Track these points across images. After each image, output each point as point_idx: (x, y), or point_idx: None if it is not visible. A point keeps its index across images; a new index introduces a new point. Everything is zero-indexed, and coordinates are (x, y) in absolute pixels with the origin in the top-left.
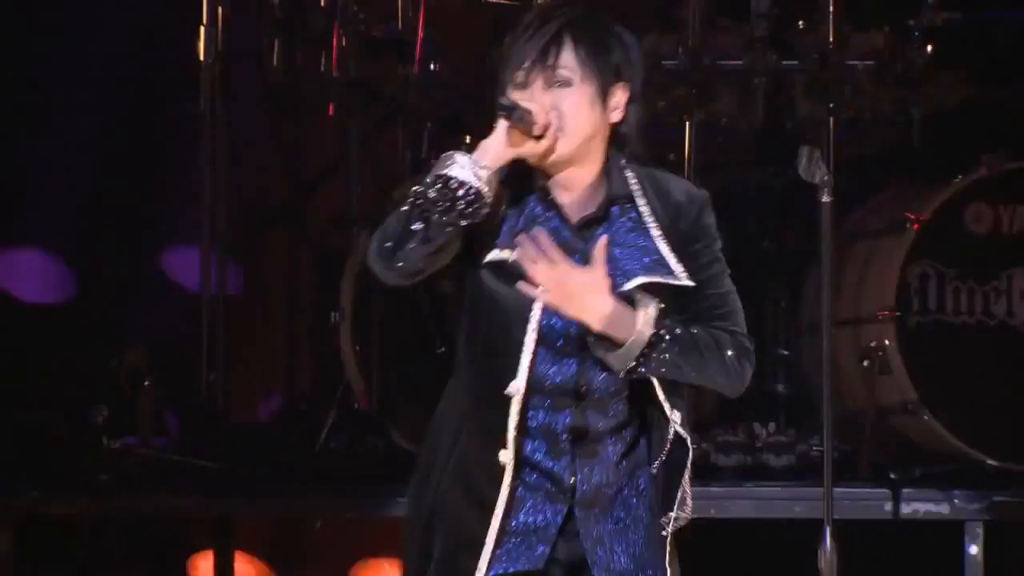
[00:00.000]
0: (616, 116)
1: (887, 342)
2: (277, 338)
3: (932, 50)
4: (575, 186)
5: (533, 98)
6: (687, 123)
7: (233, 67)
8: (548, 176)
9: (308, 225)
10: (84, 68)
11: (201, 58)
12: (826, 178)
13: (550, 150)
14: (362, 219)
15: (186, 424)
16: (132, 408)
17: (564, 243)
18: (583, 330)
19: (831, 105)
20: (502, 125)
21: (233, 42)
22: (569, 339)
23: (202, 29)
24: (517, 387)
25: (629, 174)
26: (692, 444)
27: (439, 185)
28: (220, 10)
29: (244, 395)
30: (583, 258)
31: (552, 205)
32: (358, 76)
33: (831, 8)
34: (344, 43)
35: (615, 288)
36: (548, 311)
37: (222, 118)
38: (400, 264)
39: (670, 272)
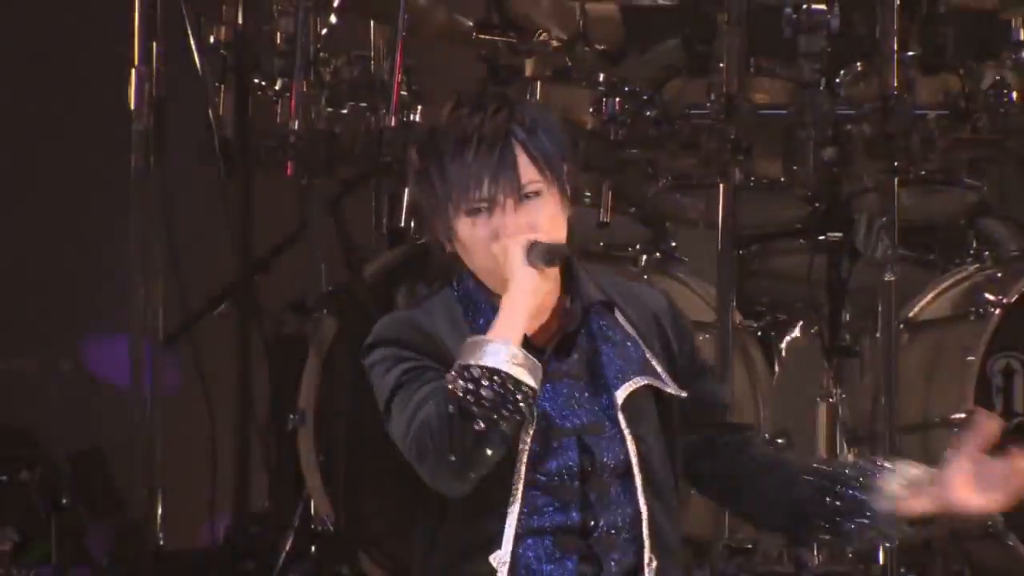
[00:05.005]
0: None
1: None
2: (223, 446)
3: (1019, 96)
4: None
5: (505, 224)
6: (720, 185)
7: (171, 117)
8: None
9: (261, 309)
10: None
11: (132, 106)
12: (889, 252)
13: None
14: (326, 301)
15: (112, 551)
16: (46, 531)
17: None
18: (584, 465)
19: (896, 163)
20: (527, 278)
21: (171, 87)
22: (568, 479)
23: (133, 71)
24: (501, 559)
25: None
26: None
27: (492, 384)
28: (155, 48)
29: (183, 515)
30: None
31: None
32: (322, 128)
33: (894, 46)
34: (305, 88)
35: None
36: (540, 451)
37: (156, 178)
38: (477, 472)
39: (660, 377)
